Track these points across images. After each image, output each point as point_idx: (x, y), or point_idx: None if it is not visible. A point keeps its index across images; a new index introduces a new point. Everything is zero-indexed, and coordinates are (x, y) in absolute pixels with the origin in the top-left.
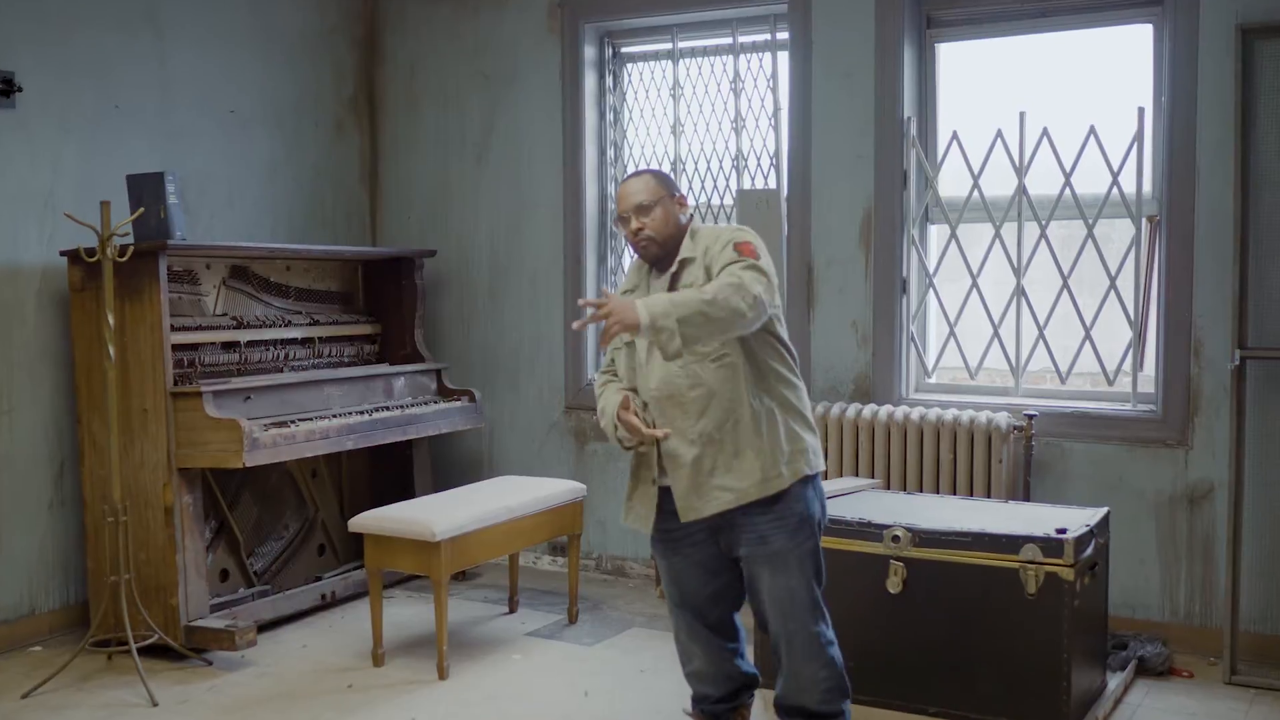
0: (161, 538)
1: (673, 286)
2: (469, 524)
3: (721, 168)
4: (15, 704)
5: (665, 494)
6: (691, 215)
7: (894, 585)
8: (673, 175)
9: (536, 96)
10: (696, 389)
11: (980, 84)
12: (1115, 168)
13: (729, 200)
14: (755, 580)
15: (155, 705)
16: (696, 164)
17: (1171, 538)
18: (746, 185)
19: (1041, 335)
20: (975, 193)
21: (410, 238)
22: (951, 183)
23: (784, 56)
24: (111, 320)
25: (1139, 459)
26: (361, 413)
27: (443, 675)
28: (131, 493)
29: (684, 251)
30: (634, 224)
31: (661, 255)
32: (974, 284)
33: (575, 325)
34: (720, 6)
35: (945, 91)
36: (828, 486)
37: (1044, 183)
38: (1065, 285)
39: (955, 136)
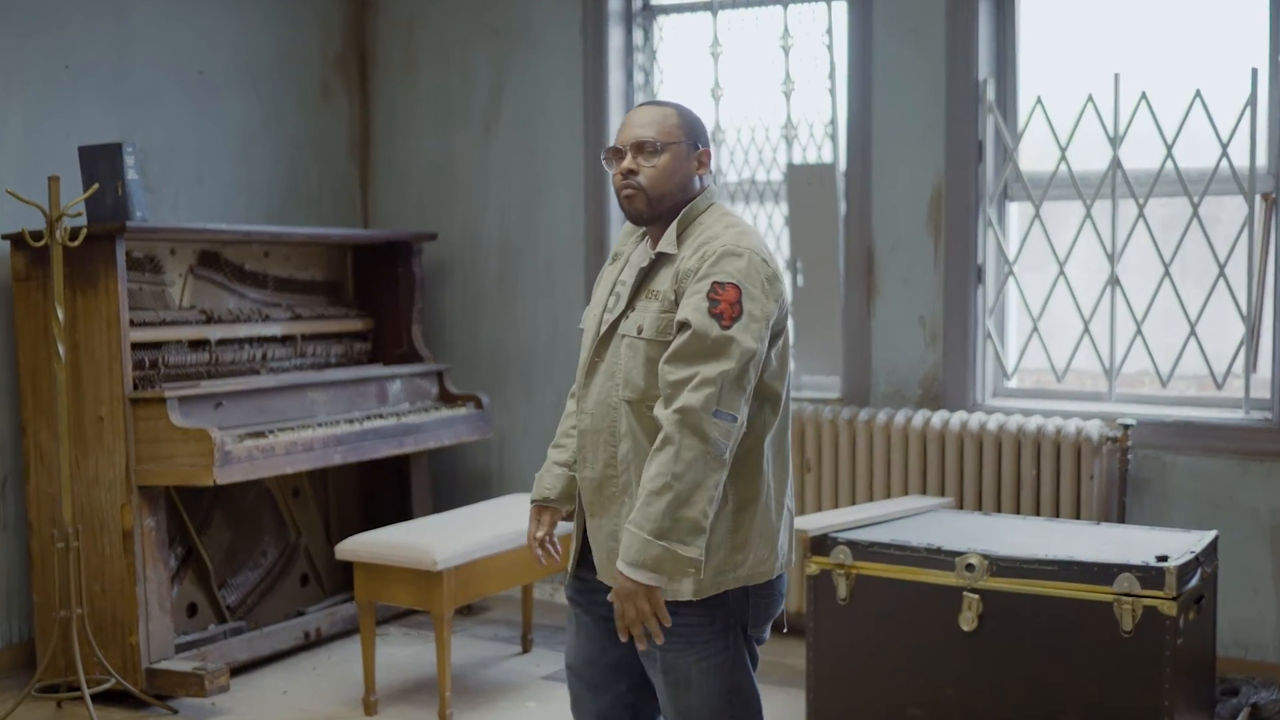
0: (119, 566)
1: (640, 285)
2: (475, 550)
3: (769, 138)
4: None
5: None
6: (706, 186)
7: (967, 621)
8: (713, 145)
9: (554, 55)
10: (625, 441)
11: (1068, 41)
12: (1225, 138)
13: (777, 176)
14: (653, 684)
15: None
16: (739, 134)
17: None
18: (797, 159)
19: (1139, 331)
20: (1062, 166)
21: (407, 219)
22: (1035, 155)
23: (841, 9)
24: (61, 314)
25: (1252, 475)
26: (351, 421)
27: None
28: (84, 514)
29: (665, 243)
30: (626, 162)
31: (648, 217)
32: (1061, 272)
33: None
34: None
35: (1027, 50)
36: (891, 506)
37: (1142, 155)
38: (1166, 273)
39: (1039, 102)
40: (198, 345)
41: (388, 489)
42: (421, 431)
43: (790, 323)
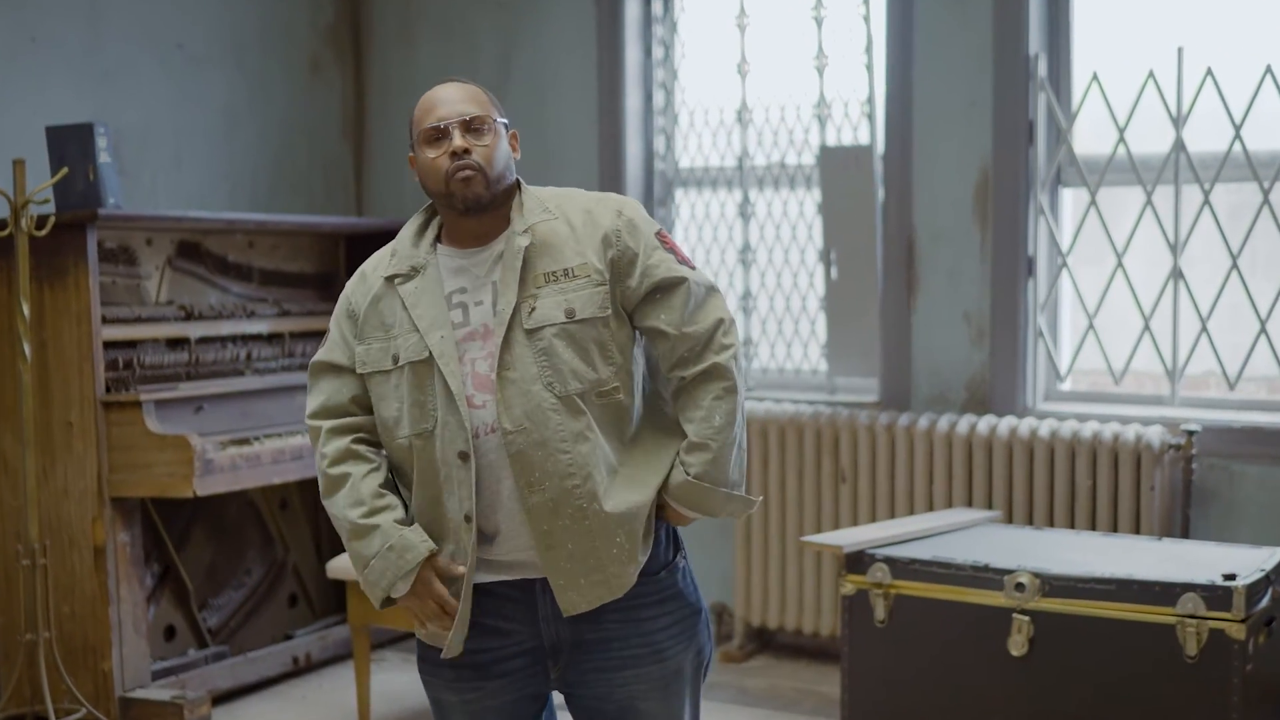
0: (90, 586)
1: (527, 271)
2: None
3: (799, 118)
4: None
5: (485, 597)
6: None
7: (1017, 645)
8: (739, 125)
9: (564, 26)
10: (583, 441)
11: (1127, 13)
12: None
13: (808, 159)
14: (629, 716)
15: None
16: (768, 113)
17: None
18: (831, 140)
19: (1204, 329)
20: (1121, 149)
21: (405, 205)
22: (1091, 137)
23: None
24: (27, 310)
25: None
26: None
27: None
28: (52, 529)
29: (532, 213)
30: (458, 141)
31: (487, 200)
32: (1119, 264)
33: None
34: None
35: (1083, 22)
36: (933, 520)
37: (1208, 136)
38: (1234, 265)
39: (1095, 78)
40: (176, 344)
41: None
42: None
43: (822, 319)
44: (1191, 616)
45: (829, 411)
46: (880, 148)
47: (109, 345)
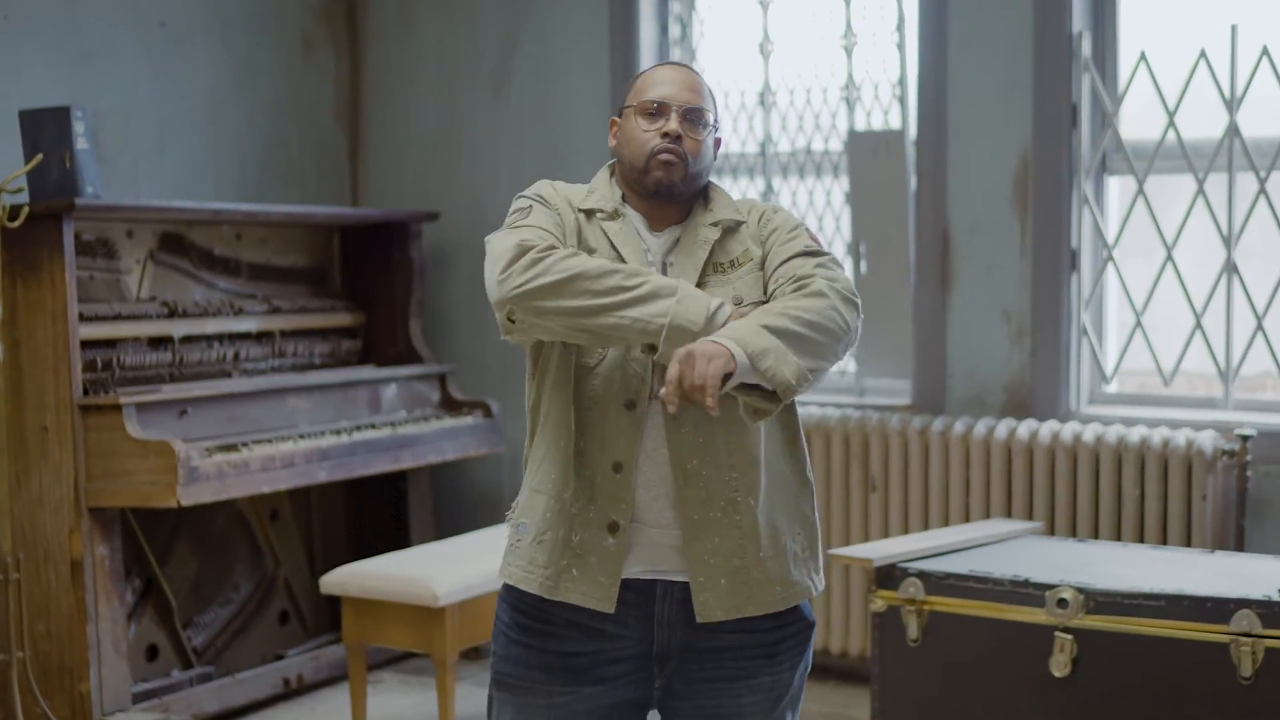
0: (67, 602)
1: (709, 262)
2: (483, 584)
3: (826, 101)
4: None
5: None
6: None
7: (1059, 666)
8: (761, 109)
9: (574, 2)
10: (747, 430)
11: None
12: None
13: (836, 145)
14: None
15: None
16: (793, 96)
17: None
18: (860, 125)
19: (1260, 327)
20: (1170, 134)
21: (404, 195)
22: (1138, 121)
23: None
24: None
25: None
26: (338, 432)
27: None
28: (26, 541)
29: (723, 209)
30: (673, 124)
31: (678, 192)
32: (1168, 257)
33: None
34: None
35: None
36: (970, 532)
37: (1263, 121)
38: None
39: (1143, 58)
40: (159, 343)
41: (381, 511)
42: (420, 444)
43: None
44: (1246, 635)
45: (858, 415)
46: (913, 133)
47: (87, 345)
